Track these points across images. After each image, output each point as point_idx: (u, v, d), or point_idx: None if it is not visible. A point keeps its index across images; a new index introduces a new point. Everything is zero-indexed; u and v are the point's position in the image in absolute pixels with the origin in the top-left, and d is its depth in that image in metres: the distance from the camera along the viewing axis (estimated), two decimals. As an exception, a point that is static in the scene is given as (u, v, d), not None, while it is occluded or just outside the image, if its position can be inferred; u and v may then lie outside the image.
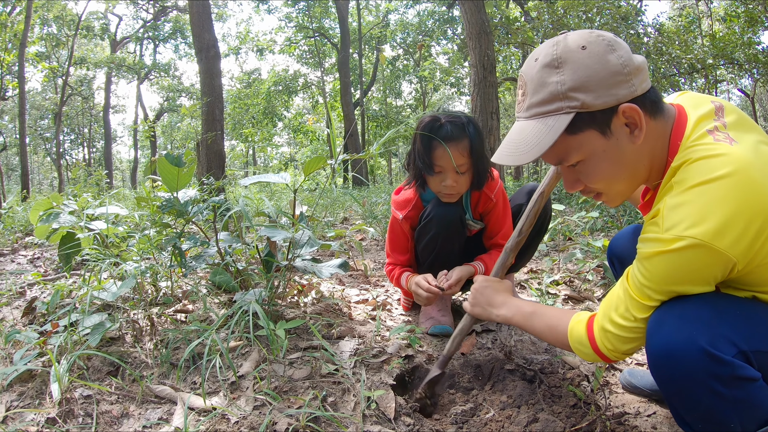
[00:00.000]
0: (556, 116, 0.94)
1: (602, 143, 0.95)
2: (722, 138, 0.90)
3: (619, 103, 0.91)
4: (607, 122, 0.93)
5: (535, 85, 0.96)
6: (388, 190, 9.05)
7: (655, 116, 0.95)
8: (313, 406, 1.26)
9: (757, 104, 17.94)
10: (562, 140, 0.95)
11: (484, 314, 1.35)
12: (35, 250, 3.96)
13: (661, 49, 9.33)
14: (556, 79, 0.93)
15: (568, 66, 0.92)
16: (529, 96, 0.97)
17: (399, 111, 25.51)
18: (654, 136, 0.96)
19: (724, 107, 0.98)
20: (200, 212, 1.87)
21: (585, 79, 0.91)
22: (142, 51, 26.20)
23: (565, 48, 0.93)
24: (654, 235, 0.89)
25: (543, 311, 1.20)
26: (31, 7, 13.16)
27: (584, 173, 1.00)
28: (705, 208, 0.83)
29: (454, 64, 18.30)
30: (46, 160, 30.30)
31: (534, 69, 0.96)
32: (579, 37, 0.94)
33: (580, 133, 0.94)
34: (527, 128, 0.97)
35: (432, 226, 1.84)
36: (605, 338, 1.00)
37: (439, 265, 1.90)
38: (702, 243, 0.83)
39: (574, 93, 0.92)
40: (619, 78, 0.90)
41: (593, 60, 0.91)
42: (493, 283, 1.37)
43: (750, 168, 0.84)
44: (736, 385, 0.83)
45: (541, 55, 0.96)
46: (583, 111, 0.92)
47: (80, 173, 9.12)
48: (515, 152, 0.97)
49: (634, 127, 0.93)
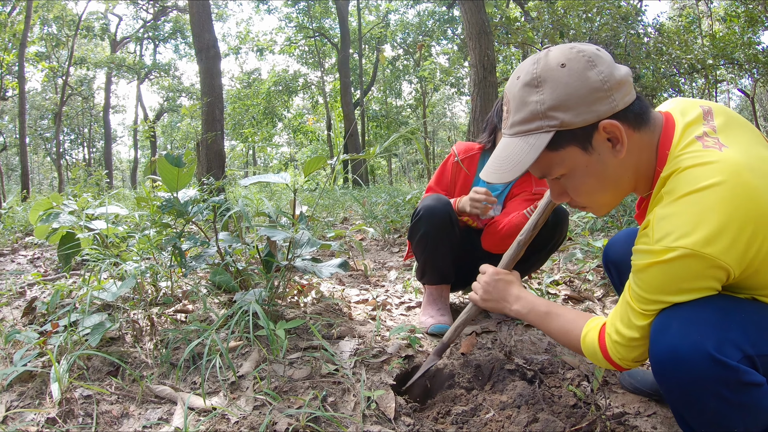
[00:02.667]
0: (537, 134, 0.95)
1: (584, 158, 0.96)
2: (711, 144, 0.90)
3: (599, 120, 0.92)
4: (588, 138, 0.94)
5: (517, 104, 0.98)
6: (389, 190, 9.05)
7: (640, 128, 0.96)
8: (313, 406, 1.26)
9: (757, 104, 17.94)
10: (544, 156, 0.97)
11: (497, 308, 1.34)
12: (35, 250, 3.96)
13: (661, 49, 9.32)
14: (535, 99, 0.94)
15: (547, 85, 0.93)
16: (512, 114, 0.99)
17: (399, 111, 25.53)
18: (639, 148, 0.96)
19: (712, 110, 0.98)
20: (200, 212, 1.87)
21: (564, 98, 0.92)
22: (142, 51, 26.20)
23: (545, 66, 0.94)
24: (645, 247, 0.89)
25: (558, 312, 1.20)
26: (31, 7, 13.16)
27: (569, 186, 1.02)
28: (695, 218, 0.83)
29: (454, 64, 18.28)
30: (46, 160, 30.29)
31: (516, 87, 0.98)
32: (560, 53, 0.95)
33: (561, 150, 0.96)
34: (510, 146, 0.99)
35: (421, 224, 1.85)
36: (614, 348, 1.01)
37: (433, 262, 1.91)
38: (693, 252, 0.83)
39: (553, 112, 0.93)
40: (599, 95, 0.91)
41: (572, 78, 0.91)
42: (505, 276, 1.37)
43: (740, 172, 0.84)
44: (741, 389, 0.83)
45: (523, 73, 0.97)
46: (562, 129, 0.93)
47: (80, 173, 9.12)
48: (499, 170, 1.00)
49: (616, 142, 0.94)
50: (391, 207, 5.40)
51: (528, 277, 2.68)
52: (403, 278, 2.87)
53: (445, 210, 1.82)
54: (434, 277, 1.95)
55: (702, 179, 0.84)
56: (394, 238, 4.31)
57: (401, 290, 2.60)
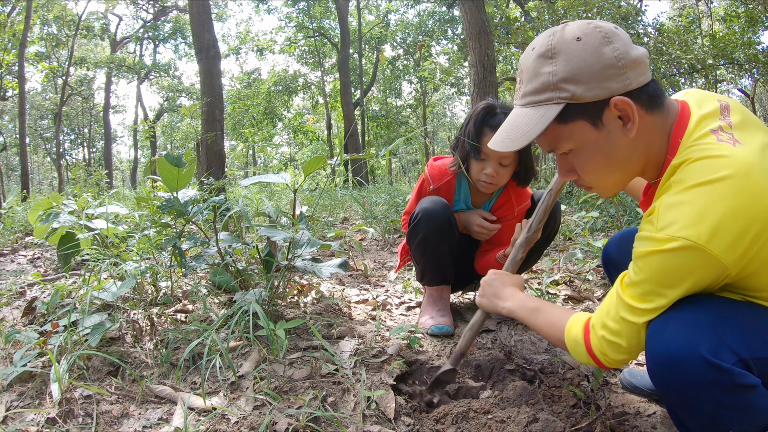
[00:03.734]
0: (547, 106, 0.95)
1: (593, 134, 0.95)
2: (726, 138, 0.89)
3: (611, 96, 0.91)
4: (599, 114, 0.93)
5: (530, 74, 0.97)
6: (388, 190, 9.05)
7: (653, 111, 0.95)
8: (313, 406, 1.26)
9: (757, 104, 17.93)
10: (553, 129, 0.97)
11: (490, 305, 1.34)
12: (35, 250, 3.96)
13: (661, 49, 9.33)
14: (548, 70, 0.94)
15: (561, 57, 0.93)
16: (524, 84, 0.99)
17: (399, 111, 25.54)
18: (650, 131, 0.95)
19: (730, 106, 0.97)
20: (200, 212, 1.87)
21: (577, 71, 0.91)
22: (142, 51, 26.18)
23: (561, 39, 0.94)
24: (648, 234, 0.89)
25: (546, 308, 1.20)
26: (31, 7, 13.16)
27: (576, 163, 1.01)
28: (701, 210, 0.82)
29: (454, 64, 18.29)
30: (46, 160, 30.29)
31: (530, 58, 0.98)
32: (576, 27, 0.94)
33: (570, 123, 0.95)
34: (520, 115, 0.99)
35: (420, 228, 1.83)
36: (598, 341, 0.99)
37: (433, 265, 1.90)
38: (694, 245, 0.82)
39: (565, 84, 0.92)
40: (612, 71, 0.90)
41: (587, 52, 0.91)
42: (502, 276, 1.37)
43: (752, 171, 0.83)
44: (736, 392, 0.83)
45: (538, 45, 0.97)
46: (573, 102, 0.93)
47: (80, 173, 9.12)
48: (507, 139, 1.00)
49: (627, 120, 0.93)
50: (391, 207, 5.40)
51: (527, 273, 2.68)
52: (403, 278, 2.87)
53: (443, 213, 1.82)
54: (434, 278, 1.95)
55: (714, 171, 0.83)
56: (394, 238, 4.31)
57: (401, 290, 2.60)
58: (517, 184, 1.91)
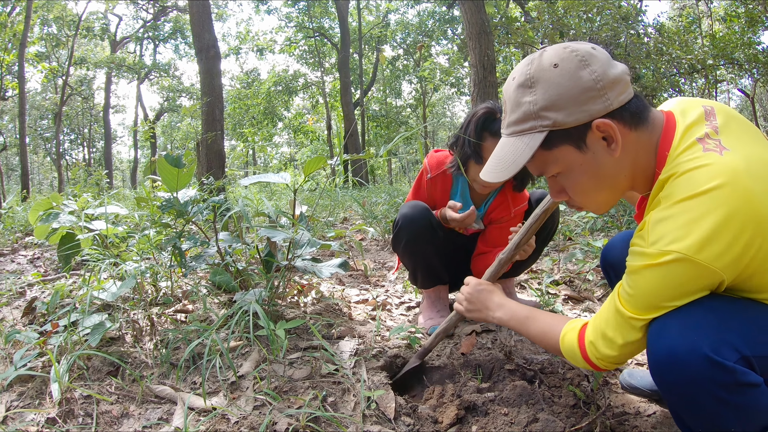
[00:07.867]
0: (531, 134, 0.97)
1: (579, 157, 0.97)
2: (713, 146, 0.89)
3: (592, 119, 0.92)
4: (582, 137, 0.94)
5: (512, 104, 0.99)
6: (388, 190, 9.05)
7: (637, 127, 0.95)
8: (313, 406, 1.26)
9: (757, 104, 17.93)
10: (540, 155, 0.98)
11: (481, 316, 1.36)
12: (35, 250, 3.96)
13: (661, 49, 9.31)
14: (528, 99, 0.95)
15: (539, 85, 0.94)
16: (508, 114, 1.01)
17: (399, 111, 25.52)
18: (636, 147, 0.96)
19: (714, 110, 0.97)
20: (200, 212, 1.87)
21: (555, 98, 0.92)
22: (142, 51, 26.19)
23: (539, 67, 0.95)
24: (640, 249, 0.90)
25: (537, 316, 1.21)
26: (31, 7, 13.16)
27: (566, 184, 1.03)
28: (690, 223, 0.83)
29: (454, 64, 18.28)
30: (46, 160, 30.28)
31: (511, 88, 1.00)
32: (554, 53, 0.95)
33: (555, 149, 0.97)
34: (507, 145, 1.01)
35: (402, 235, 1.86)
36: (594, 350, 1.01)
37: (422, 269, 1.91)
38: (686, 257, 0.83)
39: (545, 112, 0.94)
40: (591, 94, 0.91)
41: (564, 78, 0.92)
42: (487, 286, 1.39)
43: (740, 177, 0.83)
44: (738, 390, 0.83)
45: (517, 74, 0.99)
46: (556, 128, 0.94)
47: (80, 173, 9.13)
48: (495, 169, 1.02)
49: (611, 140, 0.94)
50: (391, 207, 5.40)
51: (527, 273, 2.68)
52: (403, 278, 2.87)
53: (423, 216, 1.83)
54: (427, 281, 1.96)
55: (700, 184, 0.84)
56: (394, 238, 4.30)
57: (401, 290, 2.60)
58: (513, 188, 1.92)
